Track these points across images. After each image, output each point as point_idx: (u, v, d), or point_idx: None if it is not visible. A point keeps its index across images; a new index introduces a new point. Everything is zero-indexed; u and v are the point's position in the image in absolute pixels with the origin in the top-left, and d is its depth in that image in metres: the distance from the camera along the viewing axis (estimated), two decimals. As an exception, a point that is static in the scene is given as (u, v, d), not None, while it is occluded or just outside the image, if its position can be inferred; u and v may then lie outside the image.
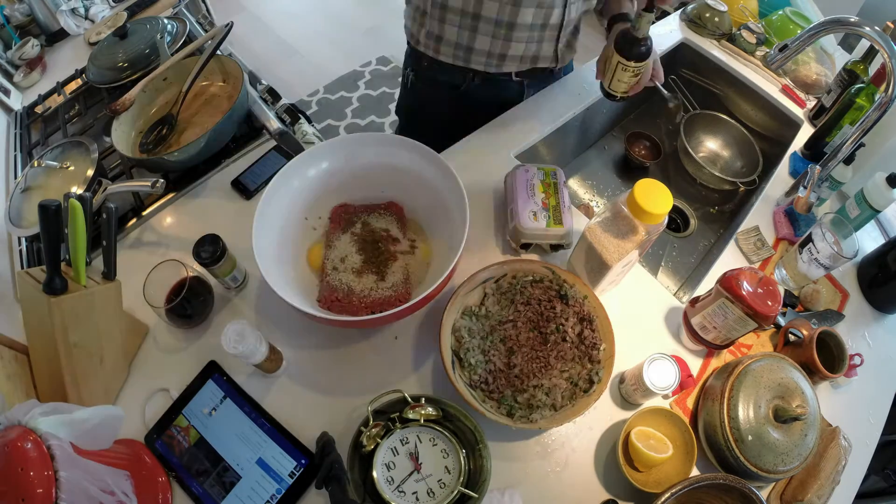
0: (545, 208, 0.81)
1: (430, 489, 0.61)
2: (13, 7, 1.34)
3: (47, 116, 1.14)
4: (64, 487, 0.46)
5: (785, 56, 0.85)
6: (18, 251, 0.89)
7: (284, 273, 0.73)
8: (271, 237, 0.72)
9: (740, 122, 1.23)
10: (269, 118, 0.97)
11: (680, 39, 1.28)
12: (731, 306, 0.69)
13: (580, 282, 0.74)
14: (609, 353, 0.69)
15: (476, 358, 0.70)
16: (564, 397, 0.68)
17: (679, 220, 1.17)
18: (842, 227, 0.83)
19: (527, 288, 0.75)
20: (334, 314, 0.72)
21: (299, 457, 0.66)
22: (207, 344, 0.74)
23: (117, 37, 1.13)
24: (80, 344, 0.64)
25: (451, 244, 0.73)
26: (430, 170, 0.77)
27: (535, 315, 0.73)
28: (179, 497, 0.64)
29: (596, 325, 0.72)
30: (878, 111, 0.79)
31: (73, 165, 0.89)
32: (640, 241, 0.66)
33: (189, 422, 0.68)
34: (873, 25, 0.75)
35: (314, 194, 0.80)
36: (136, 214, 0.88)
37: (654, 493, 0.59)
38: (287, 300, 0.62)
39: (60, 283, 0.61)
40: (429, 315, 0.78)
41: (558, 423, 0.66)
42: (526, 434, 0.70)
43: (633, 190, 0.63)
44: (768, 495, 0.69)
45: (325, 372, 0.73)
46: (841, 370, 0.74)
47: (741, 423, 0.64)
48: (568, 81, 1.14)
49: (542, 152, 1.09)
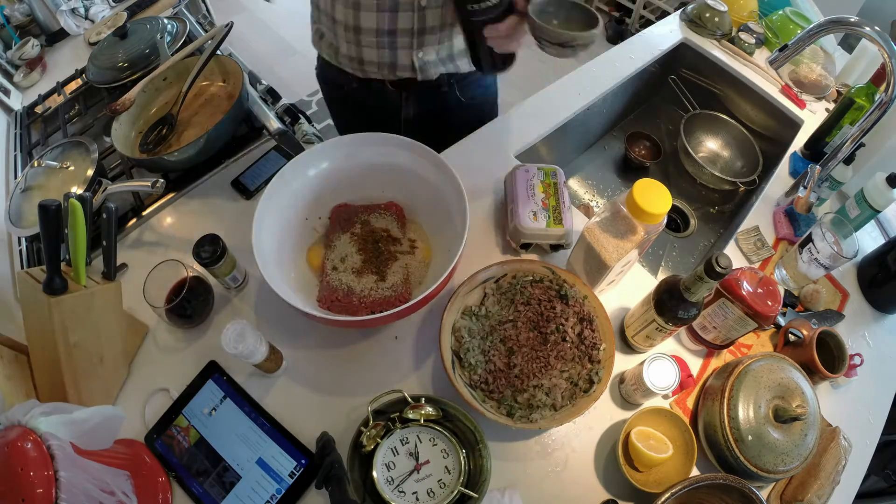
0: (545, 208, 0.81)
1: (430, 489, 0.61)
2: (13, 7, 1.34)
3: (47, 116, 1.14)
4: (64, 487, 0.46)
5: (785, 56, 0.85)
6: (18, 251, 0.89)
7: (284, 273, 0.73)
8: (271, 237, 0.72)
9: (740, 122, 1.23)
10: (269, 118, 0.97)
11: (680, 39, 1.28)
12: (731, 306, 0.69)
13: (580, 282, 0.74)
14: (609, 353, 0.69)
15: (476, 358, 0.70)
16: (564, 397, 0.68)
17: (679, 220, 1.17)
18: (842, 227, 0.83)
19: (527, 288, 0.75)
20: (334, 314, 0.72)
21: (299, 457, 0.66)
22: (207, 344, 0.74)
23: (117, 37, 1.14)
24: (80, 344, 0.64)
25: (452, 244, 0.73)
26: (431, 170, 0.78)
27: (535, 315, 0.73)
28: (179, 497, 0.64)
29: (596, 325, 0.72)
30: (879, 111, 0.79)
31: (73, 165, 0.89)
32: (640, 240, 0.66)
33: (189, 422, 0.68)
34: (873, 25, 0.75)
35: (314, 194, 0.80)
36: (136, 214, 0.88)
37: (654, 493, 0.59)
38: (287, 300, 0.62)
39: (60, 283, 0.61)
40: (429, 315, 0.78)
41: (558, 423, 0.65)
42: (526, 434, 0.70)
43: (632, 190, 0.63)
44: (768, 495, 0.69)
45: (325, 372, 0.73)
46: (841, 370, 0.74)
47: (741, 423, 0.64)
48: (568, 81, 1.14)
49: (542, 152, 1.09)
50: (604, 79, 1.16)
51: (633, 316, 0.74)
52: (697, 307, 0.63)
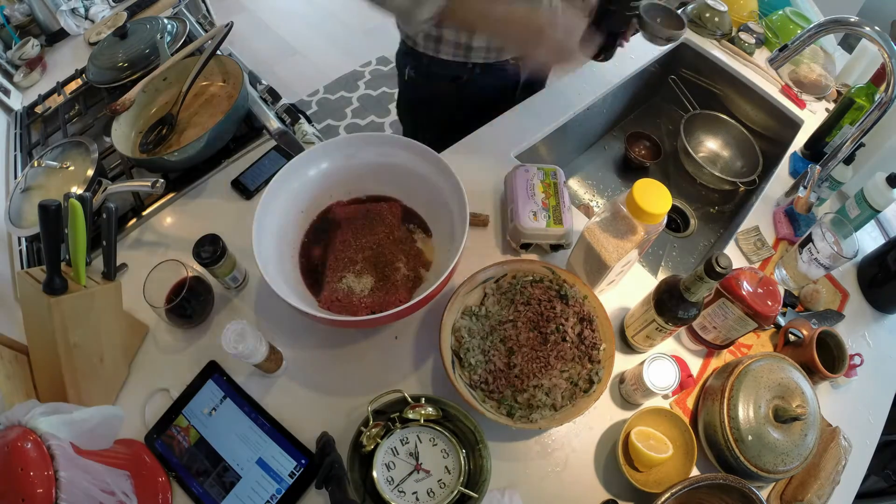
0: (545, 208, 0.81)
1: (430, 489, 0.61)
2: (13, 7, 1.34)
3: (47, 116, 1.14)
4: (64, 487, 0.46)
5: (785, 56, 0.85)
6: (18, 251, 0.89)
7: (284, 273, 0.73)
8: (271, 237, 0.72)
9: (740, 122, 1.23)
10: (269, 118, 0.97)
11: (680, 39, 1.28)
12: (731, 306, 0.69)
13: (580, 282, 0.74)
14: (609, 353, 0.69)
15: (476, 358, 0.70)
16: (564, 397, 0.68)
17: (679, 220, 1.17)
18: (842, 227, 0.83)
19: (527, 288, 0.75)
20: (334, 314, 0.72)
21: (299, 457, 0.66)
22: (207, 344, 0.74)
23: (117, 37, 1.14)
24: (80, 344, 0.64)
25: (452, 244, 0.73)
26: (430, 170, 0.78)
27: (535, 315, 0.73)
28: (179, 497, 0.64)
29: (596, 325, 0.72)
30: (878, 111, 0.79)
31: (73, 165, 0.89)
32: (640, 240, 0.66)
33: (189, 422, 0.68)
34: (873, 25, 0.75)
35: (314, 194, 0.80)
36: (136, 214, 0.88)
37: (654, 493, 0.59)
38: (287, 300, 0.62)
39: (60, 283, 0.61)
40: (429, 315, 0.78)
41: (558, 424, 0.65)
42: (526, 434, 0.70)
43: (632, 190, 0.63)
44: (768, 495, 0.69)
45: (325, 372, 0.73)
46: (841, 370, 0.74)
47: (741, 423, 0.64)
48: (568, 81, 1.14)
49: (542, 152, 1.09)
50: (604, 79, 1.16)
51: (633, 316, 0.74)
52: (697, 307, 0.63)
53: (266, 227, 0.71)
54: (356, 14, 2.98)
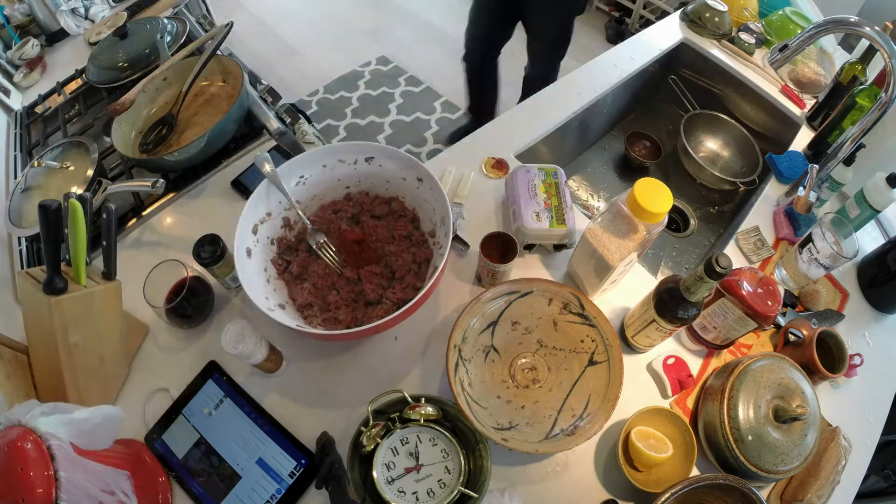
0: (547, 208, 0.81)
1: (430, 489, 0.61)
2: (13, 7, 1.34)
3: (47, 116, 1.14)
4: (64, 487, 0.46)
5: (785, 56, 0.85)
6: (18, 251, 0.89)
7: (270, 289, 0.72)
8: (256, 251, 0.71)
9: (740, 122, 1.23)
10: (269, 118, 0.97)
11: (680, 39, 1.29)
12: (731, 306, 0.69)
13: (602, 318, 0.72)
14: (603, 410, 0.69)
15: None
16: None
17: (679, 220, 1.17)
18: (842, 227, 0.83)
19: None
20: (318, 328, 0.71)
21: (299, 457, 0.66)
22: (207, 344, 0.74)
23: (117, 37, 1.14)
24: (80, 344, 0.64)
25: (440, 248, 0.72)
26: (411, 175, 0.77)
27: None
28: (179, 497, 0.64)
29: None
30: (878, 111, 0.79)
31: (73, 165, 0.89)
32: (641, 240, 0.66)
33: (189, 422, 0.68)
34: (873, 25, 0.75)
35: (300, 203, 0.79)
36: (136, 214, 0.88)
37: (654, 493, 0.59)
38: (279, 320, 0.62)
39: (60, 283, 0.61)
40: (429, 315, 0.78)
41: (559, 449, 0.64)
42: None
43: (633, 189, 0.63)
44: (768, 495, 0.69)
45: (326, 372, 0.73)
46: (841, 370, 0.74)
47: (741, 423, 0.64)
48: (568, 81, 1.14)
49: (542, 152, 1.09)
50: (604, 79, 1.16)
51: (634, 316, 0.74)
52: (697, 307, 0.63)
53: (250, 241, 0.70)
54: (356, 14, 2.98)
